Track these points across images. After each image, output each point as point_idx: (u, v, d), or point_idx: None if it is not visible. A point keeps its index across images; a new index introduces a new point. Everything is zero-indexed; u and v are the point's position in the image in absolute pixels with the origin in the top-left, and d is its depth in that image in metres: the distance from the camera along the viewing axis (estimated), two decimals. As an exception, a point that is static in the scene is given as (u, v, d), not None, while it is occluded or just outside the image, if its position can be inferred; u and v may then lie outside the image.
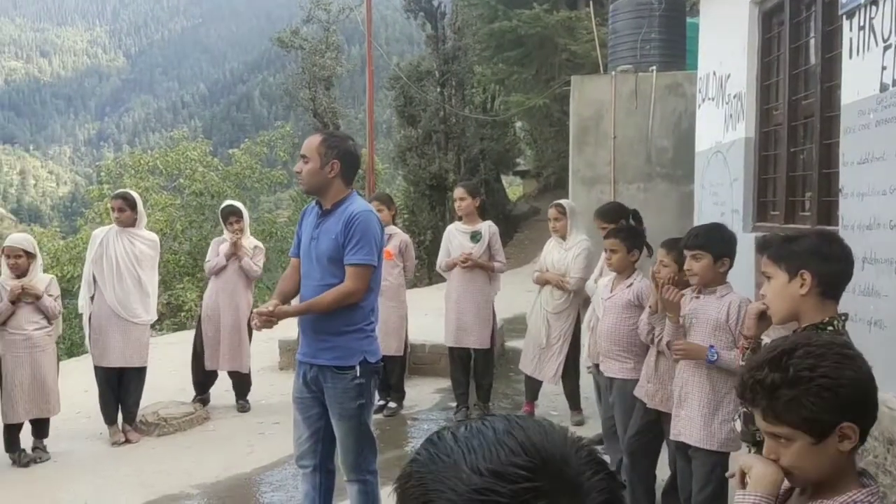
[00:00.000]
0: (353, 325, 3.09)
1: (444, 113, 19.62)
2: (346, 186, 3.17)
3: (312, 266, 3.15)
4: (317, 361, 3.12)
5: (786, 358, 1.40)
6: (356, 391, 3.08)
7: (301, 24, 22.98)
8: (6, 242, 4.98)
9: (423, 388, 6.45)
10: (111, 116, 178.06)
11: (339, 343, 3.08)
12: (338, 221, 3.08)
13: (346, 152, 3.14)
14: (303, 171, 3.12)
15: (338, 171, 3.10)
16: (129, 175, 17.43)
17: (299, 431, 3.27)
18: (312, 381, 3.15)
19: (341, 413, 3.11)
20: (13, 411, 4.82)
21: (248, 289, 5.97)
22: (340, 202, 3.13)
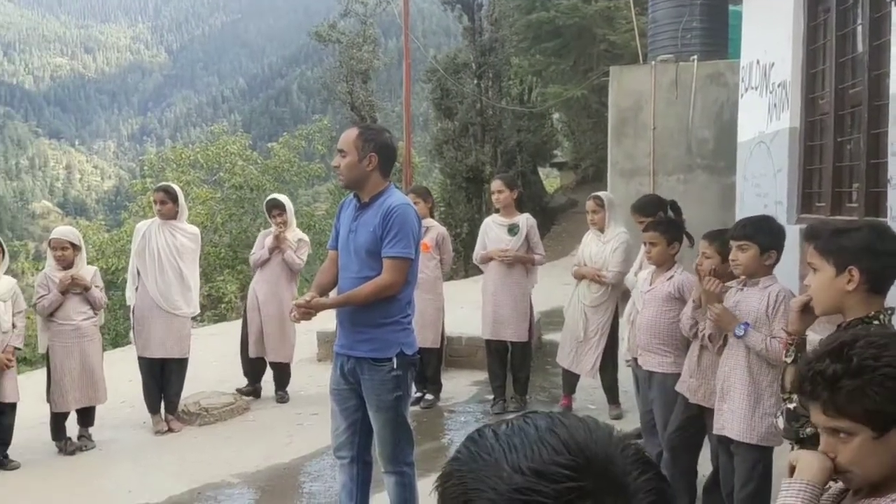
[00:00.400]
0: (391, 318, 3.10)
1: (481, 105, 19.54)
2: (384, 179, 3.17)
3: (350, 258, 3.15)
4: (354, 353, 3.14)
5: (847, 349, 1.37)
6: (393, 383, 3.09)
7: (338, 18, 23.07)
8: (52, 235, 5.11)
9: (459, 380, 6.45)
10: (153, 111, 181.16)
11: (377, 335, 3.09)
12: (376, 214, 3.08)
13: (383, 145, 3.14)
14: (341, 165, 3.13)
15: (375, 164, 3.10)
16: (170, 169, 17.74)
17: (336, 423, 3.29)
18: (350, 373, 3.17)
19: (378, 405, 3.12)
20: (63, 400, 4.94)
21: (292, 281, 6.04)
22: (378, 195, 3.13)
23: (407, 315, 3.18)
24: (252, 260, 6.04)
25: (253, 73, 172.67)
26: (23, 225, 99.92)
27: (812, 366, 1.41)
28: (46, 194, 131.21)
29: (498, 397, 5.60)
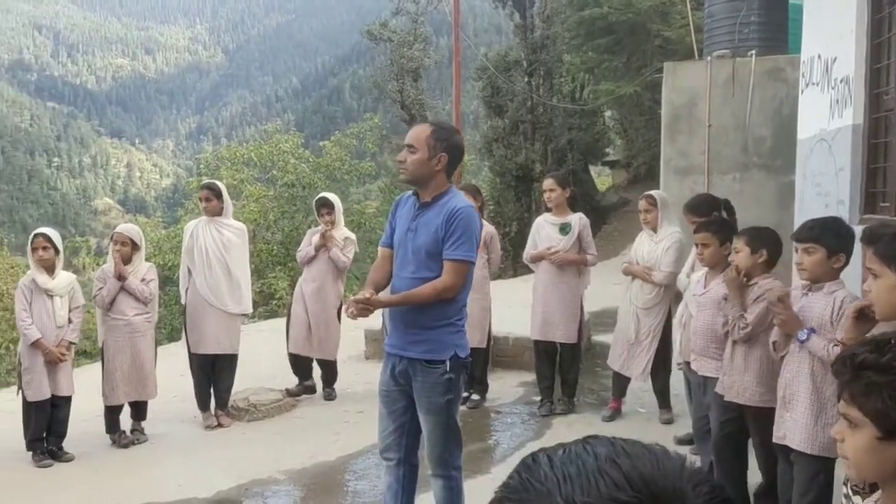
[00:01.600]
0: (446, 319, 3.06)
1: (532, 103, 19.39)
2: (448, 180, 3.14)
3: (407, 258, 3.11)
4: (407, 354, 3.09)
5: (889, 345, 1.32)
6: (445, 386, 3.05)
7: (390, 17, 23.18)
8: (118, 229, 5.23)
9: (506, 380, 6.39)
10: (210, 111, 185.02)
11: (431, 336, 3.05)
12: (438, 215, 3.03)
13: (454, 146, 3.11)
14: (407, 161, 3.07)
15: (444, 164, 3.06)
16: (225, 167, 18.06)
17: (384, 425, 3.25)
18: (401, 375, 3.13)
19: (429, 407, 3.08)
20: (114, 393, 5.06)
21: (338, 279, 6.07)
22: (441, 195, 3.08)
23: (461, 318, 3.14)
24: (299, 257, 6.09)
25: (306, 72, 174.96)
26: (85, 221, 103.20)
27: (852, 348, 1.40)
28: (108, 192, 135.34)
29: (545, 399, 5.53)
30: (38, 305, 4.80)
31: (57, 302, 4.84)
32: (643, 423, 5.28)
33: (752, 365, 3.42)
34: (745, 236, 3.50)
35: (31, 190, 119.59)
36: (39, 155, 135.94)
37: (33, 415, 4.80)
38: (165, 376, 5.52)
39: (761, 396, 3.40)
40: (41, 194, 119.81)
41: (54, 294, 4.83)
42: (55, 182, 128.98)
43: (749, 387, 3.42)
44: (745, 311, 3.41)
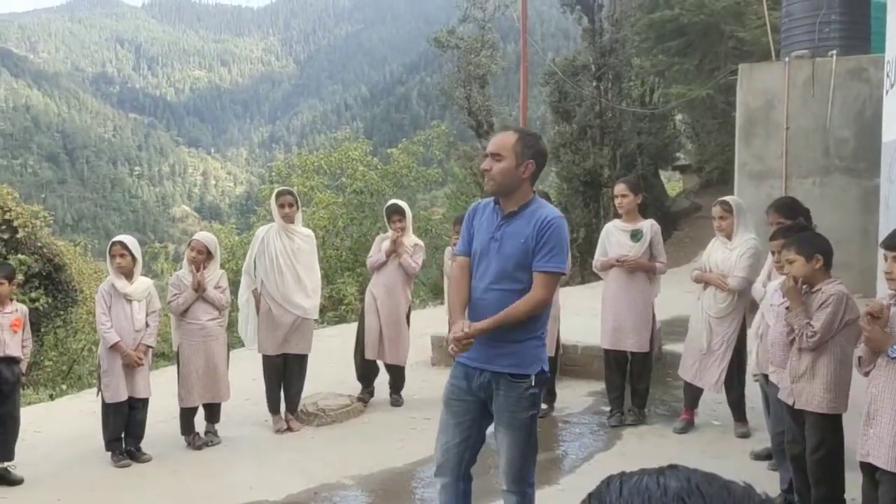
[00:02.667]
0: (533, 333, 2.97)
1: (600, 107, 19.14)
2: (532, 188, 3.03)
3: (489, 268, 2.98)
4: (491, 367, 2.97)
5: None
6: (529, 401, 2.96)
7: (457, 24, 23.28)
8: (196, 237, 5.39)
9: (575, 390, 6.30)
10: (282, 120, 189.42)
11: (518, 350, 2.94)
12: (527, 224, 2.92)
13: (540, 153, 3.01)
14: (493, 170, 2.94)
15: (531, 171, 2.96)
16: (296, 175, 18.42)
17: (448, 436, 3.13)
18: (480, 388, 3.01)
19: (511, 423, 2.97)
20: (189, 396, 5.20)
21: (407, 285, 6.12)
22: (527, 204, 2.96)
23: (545, 331, 3.07)
24: (369, 263, 6.15)
25: (375, 80, 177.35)
26: (164, 228, 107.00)
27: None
28: (185, 199, 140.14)
29: (615, 409, 5.42)
30: (117, 310, 4.97)
31: (135, 306, 5.00)
32: (717, 435, 5.11)
33: (820, 371, 3.38)
34: (795, 245, 3.48)
35: (114, 198, 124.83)
36: (121, 164, 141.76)
37: (111, 416, 4.97)
38: (237, 380, 5.64)
39: (829, 404, 3.36)
40: (123, 202, 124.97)
41: (132, 299, 5.00)
42: (136, 190, 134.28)
43: (817, 394, 3.38)
44: (811, 319, 3.36)
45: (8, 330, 4.68)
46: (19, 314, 4.80)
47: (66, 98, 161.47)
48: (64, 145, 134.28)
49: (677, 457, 4.67)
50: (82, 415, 6.32)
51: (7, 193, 11.20)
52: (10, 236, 10.71)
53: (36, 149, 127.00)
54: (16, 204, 11.14)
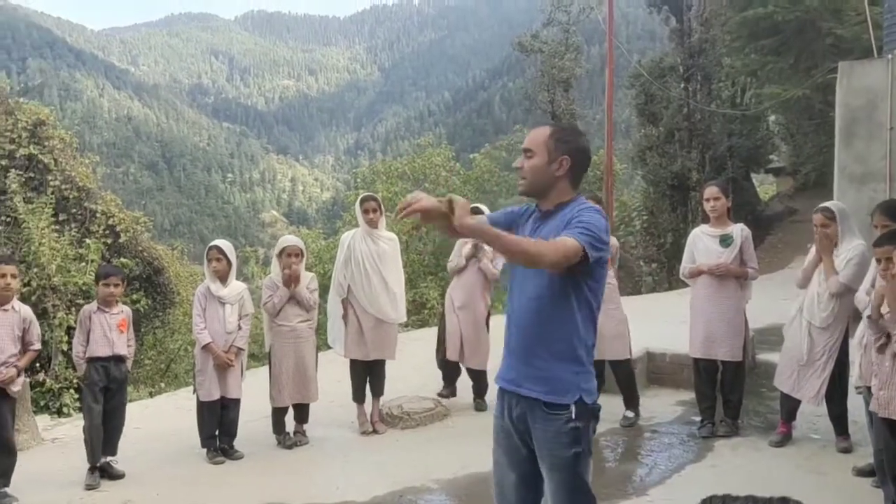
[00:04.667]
0: (570, 353, 2.55)
1: (689, 109, 18.66)
2: (573, 188, 2.68)
3: (526, 276, 2.63)
4: (523, 392, 2.60)
5: None
6: (570, 436, 2.51)
7: (541, 28, 23.18)
8: (285, 243, 5.52)
9: (663, 399, 6.14)
10: (367, 127, 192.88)
11: (553, 373, 2.54)
12: (561, 222, 2.56)
13: (577, 149, 2.65)
14: (524, 167, 2.66)
15: (566, 169, 2.62)
16: (380, 181, 18.74)
17: (502, 474, 2.77)
18: (518, 419, 2.63)
19: (552, 462, 2.56)
20: (280, 396, 5.35)
21: (487, 289, 6.14)
22: (564, 205, 2.63)
23: (588, 348, 2.60)
24: (450, 267, 6.21)
25: (458, 86, 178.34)
26: (254, 233, 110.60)
27: None
28: (274, 205, 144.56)
29: (706, 419, 5.25)
30: (211, 312, 5.16)
31: (228, 309, 5.18)
32: (817, 450, 4.88)
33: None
34: None
35: (208, 203, 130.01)
36: (215, 171, 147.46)
37: (205, 414, 5.17)
38: (323, 382, 5.76)
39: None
40: (216, 207, 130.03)
41: (226, 302, 5.18)
42: (228, 196, 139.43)
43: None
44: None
45: (115, 330, 4.93)
46: (125, 315, 5.06)
47: (165, 109, 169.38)
48: (162, 154, 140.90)
49: (773, 471, 4.50)
50: (179, 412, 6.59)
51: (111, 200, 11.82)
52: (114, 241, 11.29)
53: (137, 157, 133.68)
54: (118, 210, 11.73)
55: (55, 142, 11.48)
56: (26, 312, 4.67)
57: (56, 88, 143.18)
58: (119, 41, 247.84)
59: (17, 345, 4.55)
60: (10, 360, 4.49)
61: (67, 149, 11.86)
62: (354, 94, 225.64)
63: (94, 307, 4.97)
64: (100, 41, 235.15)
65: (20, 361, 4.55)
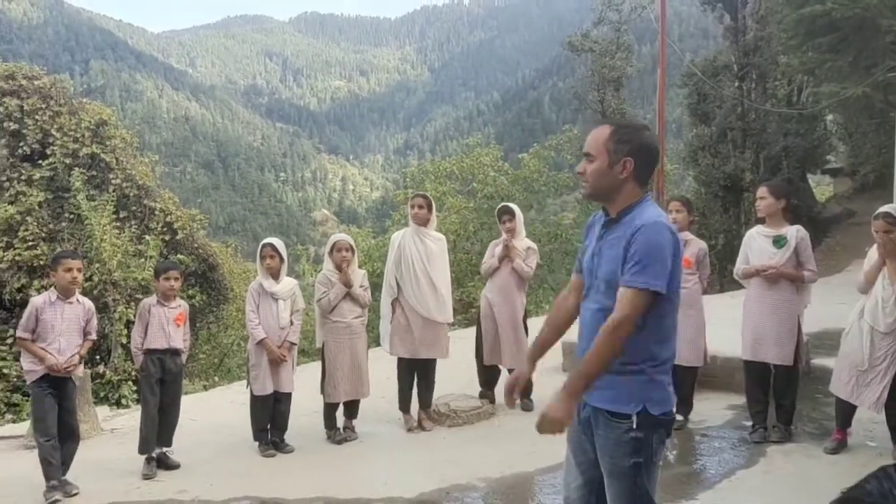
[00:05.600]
0: (634, 364, 2.46)
1: (742, 108, 18.29)
2: (640, 189, 2.55)
3: (592, 286, 2.59)
4: (589, 400, 2.56)
5: None
6: (631, 446, 2.46)
7: (591, 27, 23.00)
8: (336, 238, 5.64)
9: (713, 402, 6.05)
10: (416, 127, 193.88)
11: (615, 383, 2.47)
12: (623, 233, 2.48)
13: (641, 146, 2.51)
14: (587, 172, 2.54)
15: (630, 170, 2.49)
16: (429, 180, 18.83)
17: (571, 476, 2.76)
18: (585, 423, 2.61)
19: (611, 469, 2.53)
20: (335, 392, 5.45)
21: (522, 288, 6.14)
22: (629, 209, 2.52)
23: (658, 364, 2.49)
24: (483, 269, 6.21)
25: (507, 86, 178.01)
26: (305, 231, 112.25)
27: None
28: (325, 203, 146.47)
29: (758, 424, 5.17)
30: (265, 308, 5.29)
31: (281, 305, 5.30)
32: (873, 458, 4.75)
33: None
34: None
35: (261, 202, 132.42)
36: (268, 170, 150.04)
37: (258, 408, 5.30)
38: (372, 378, 5.83)
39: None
40: (269, 206, 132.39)
41: (279, 297, 5.30)
42: (281, 195, 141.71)
43: None
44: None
45: (173, 323, 5.10)
46: (182, 310, 5.22)
47: (221, 109, 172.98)
48: (218, 153, 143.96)
49: (827, 478, 4.40)
50: (232, 405, 6.76)
51: (169, 198, 12.16)
52: (171, 237, 11.61)
53: (193, 156, 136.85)
54: (176, 208, 12.06)
55: (117, 141, 11.87)
56: (89, 304, 4.88)
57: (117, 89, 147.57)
58: (178, 43, 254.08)
59: (82, 335, 4.76)
60: (76, 350, 4.70)
61: (128, 148, 12.24)
62: (404, 94, 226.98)
63: (153, 300, 5.14)
64: (159, 43, 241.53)
65: (81, 349, 4.75)
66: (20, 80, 11.61)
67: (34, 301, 4.67)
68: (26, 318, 4.61)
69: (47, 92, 11.76)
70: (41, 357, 4.55)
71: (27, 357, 4.63)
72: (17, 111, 11.35)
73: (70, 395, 4.73)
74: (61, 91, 12.16)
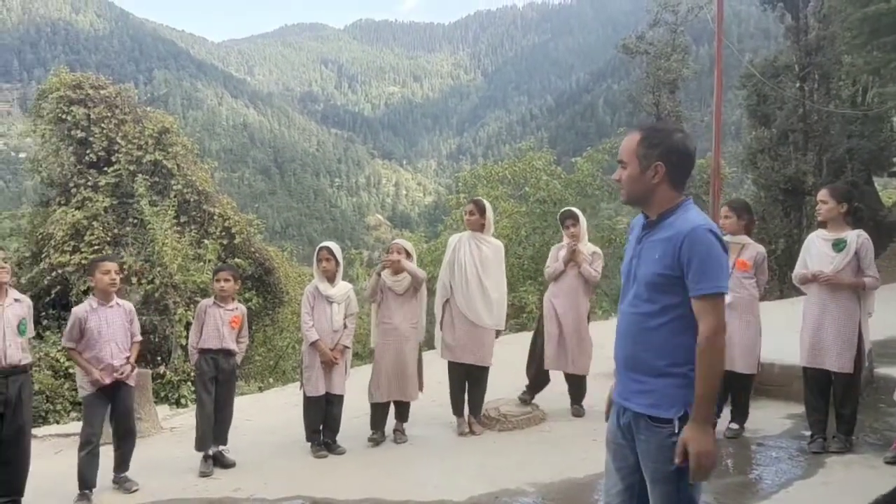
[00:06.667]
0: (677, 367, 2.47)
1: (804, 110, 17.81)
2: (676, 192, 2.55)
3: (629, 289, 2.61)
4: (629, 405, 2.58)
5: None
6: (673, 451, 2.44)
7: (647, 29, 22.71)
8: (395, 241, 5.75)
9: (770, 411, 5.91)
10: (469, 131, 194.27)
11: (657, 387, 2.49)
12: (664, 238, 2.49)
13: (671, 150, 2.51)
14: (621, 179, 2.59)
15: (663, 174, 2.51)
16: (481, 185, 18.83)
17: (611, 482, 2.72)
18: (626, 429, 2.62)
19: (654, 475, 2.52)
20: (378, 391, 5.52)
21: (588, 293, 6.07)
22: (668, 212, 2.54)
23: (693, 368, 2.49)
24: (547, 273, 6.16)
25: (561, 90, 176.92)
26: (359, 235, 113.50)
27: None
28: (379, 208, 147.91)
29: (816, 434, 5.02)
30: (319, 310, 5.38)
31: (335, 308, 5.39)
32: (939, 472, 4.58)
33: None
34: None
35: (316, 207, 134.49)
36: (323, 176, 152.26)
37: (311, 409, 5.39)
38: (426, 382, 5.86)
39: None
40: (324, 211, 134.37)
41: (333, 301, 5.39)
42: (335, 200, 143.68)
43: None
44: None
45: (227, 325, 5.22)
46: (239, 313, 5.34)
47: (278, 116, 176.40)
48: (275, 159, 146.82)
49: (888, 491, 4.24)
50: (286, 406, 6.89)
51: (227, 203, 12.46)
52: (229, 242, 11.90)
53: (251, 162, 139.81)
54: (234, 213, 12.36)
55: (178, 148, 12.23)
56: (129, 306, 4.99)
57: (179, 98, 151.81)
58: (237, 52, 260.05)
59: (129, 337, 4.88)
60: (125, 353, 4.81)
61: (189, 155, 12.60)
62: (457, 99, 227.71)
63: (210, 302, 5.28)
64: (220, 52, 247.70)
65: (131, 356, 4.85)
66: (87, 90, 12.07)
67: (76, 311, 4.74)
68: (69, 327, 4.71)
69: (113, 101, 12.20)
70: (87, 370, 4.65)
71: (80, 373, 4.74)
72: (84, 119, 11.79)
73: (124, 398, 4.82)
74: (126, 100, 12.60)
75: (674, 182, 2.54)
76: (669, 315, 2.48)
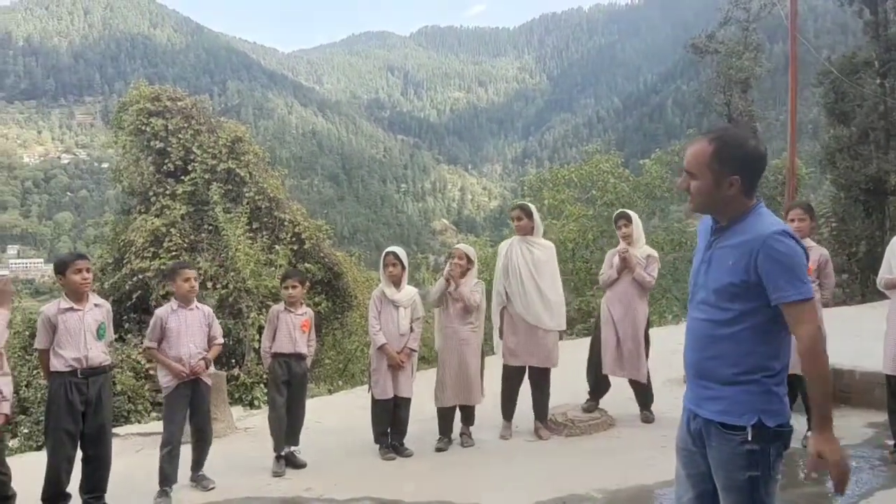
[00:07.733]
0: (748, 374, 2.41)
1: (885, 107, 17.07)
2: (749, 199, 2.49)
3: (697, 295, 2.55)
4: (700, 412, 2.52)
5: None
6: (746, 459, 2.39)
7: (717, 28, 22.19)
8: (457, 245, 5.79)
9: (851, 419, 5.69)
10: (534, 135, 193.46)
11: (727, 394, 2.44)
12: (738, 244, 2.44)
13: (746, 162, 2.45)
14: (691, 190, 2.51)
15: (738, 187, 2.44)
16: (547, 188, 18.71)
17: (682, 489, 2.67)
18: (696, 435, 2.56)
19: (726, 483, 2.46)
20: (443, 396, 5.57)
21: (644, 298, 5.98)
22: (741, 217, 2.48)
23: (773, 374, 2.42)
24: (601, 280, 6.09)
25: (628, 91, 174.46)
26: (425, 240, 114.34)
27: None
28: (444, 213, 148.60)
29: (900, 444, 4.82)
30: (386, 314, 5.46)
31: (401, 312, 5.46)
32: None
33: None
34: None
35: (383, 213, 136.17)
36: (390, 182, 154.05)
37: (379, 412, 5.47)
38: (489, 385, 5.87)
39: None
40: (391, 216, 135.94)
41: (399, 305, 5.46)
42: (402, 205, 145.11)
43: None
44: None
45: (298, 329, 5.36)
46: (307, 317, 5.47)
47: (345, 123, 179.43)
48: (343, 166, 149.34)
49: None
50: (355, 409, 7.00)
51: (297, 210, 12.75)
52: (299, 247, 12.17)
53: (320, 170, 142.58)
54: (303, 219, 12.63)
55: (250, 156, 12.59)
56: (208, 310, 5.18)
57: (251, 107, 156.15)
58: (306, 62, 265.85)
59: (206, 338, 5.06)
60: (202, 353, 5.00)
61: (260, 163, 12.95)
62: (523, 103, 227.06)
63: (281, 307, 5.43)
64: (289, 62, 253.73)
65: (209, 354, 5.04)
66: (165, 102, 12.55)
67: (158, 312, 4.97)
68: (151, 328, 4.92)
69: (189, 112, 12.64)
70: (167, 365, 4.85)
71: (161, 370, 4.95)
72: (162, 130, 12.26)
73: (203, 397, 5.00)
74: (201, 111, 13.04)
75: (747, 191, 2.47)
76: (741, 324, 2.41)
